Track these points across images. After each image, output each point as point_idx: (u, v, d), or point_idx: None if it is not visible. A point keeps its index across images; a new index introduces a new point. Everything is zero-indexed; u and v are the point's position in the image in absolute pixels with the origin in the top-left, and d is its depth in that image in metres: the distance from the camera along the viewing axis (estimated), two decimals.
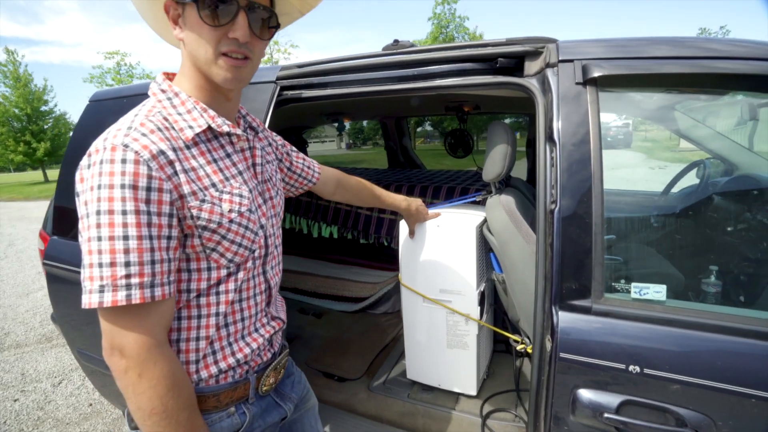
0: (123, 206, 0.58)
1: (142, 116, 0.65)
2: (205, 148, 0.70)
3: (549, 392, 0.93)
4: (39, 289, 4.57)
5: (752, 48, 0.89)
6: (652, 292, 0.88)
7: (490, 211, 1.34)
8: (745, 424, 0.78)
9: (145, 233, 0.59)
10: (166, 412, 0.61)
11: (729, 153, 1.81)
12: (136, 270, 0.59)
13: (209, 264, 0.69)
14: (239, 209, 0.70)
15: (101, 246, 0.57)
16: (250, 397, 0.78)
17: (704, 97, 1.36)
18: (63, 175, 1.64)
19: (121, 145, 0.59)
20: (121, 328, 0.60)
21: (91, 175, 0.59)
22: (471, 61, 1.16)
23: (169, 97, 0.69)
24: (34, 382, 2.69)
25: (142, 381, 0.60)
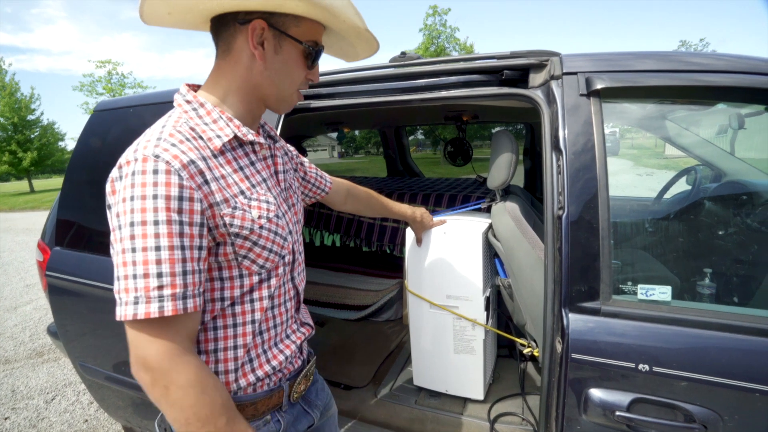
0: (155, 216, 0.58)
1: (170, 127, 0.66)
2: (231, 157, 0.70)
3: (560, 393, 0.95)
4: (27, 302, 4.47)
5: (732, 62, 0.95)
6: (658, 293, 0.92)
7: (496, 218, 1.37)
8: (749, 417, 0.81)
9: (176, 243, 0.59)
10: (201, 421, 0.59)
11: (717, 159, 1.88)
12: (168, 281, 0.58)
13: (241, 271, 0.70)
14: (268, 215, 0.71)
15: (135, 257, 0.57)
16: (284, 405, 0.79)
17: (694, 107, 1.43)
18: (67, 187, 1.64)
19: (152, 155, 0.60)
20: (144, 340, 0.59)
21: (123, 186, 0.59)
22: (477, 73, 1.20)
23: (194, 108, 0.70)
24: (26, 399, 2.62)
25: (170, 392, 0.58)
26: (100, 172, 1.56)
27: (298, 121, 1.84)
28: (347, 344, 2.11)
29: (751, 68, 0.93)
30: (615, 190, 0.96)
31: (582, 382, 0.93)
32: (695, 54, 1.03)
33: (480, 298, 1.46)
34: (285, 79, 0.73)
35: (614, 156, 3.69)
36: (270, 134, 0.87)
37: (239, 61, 0.70)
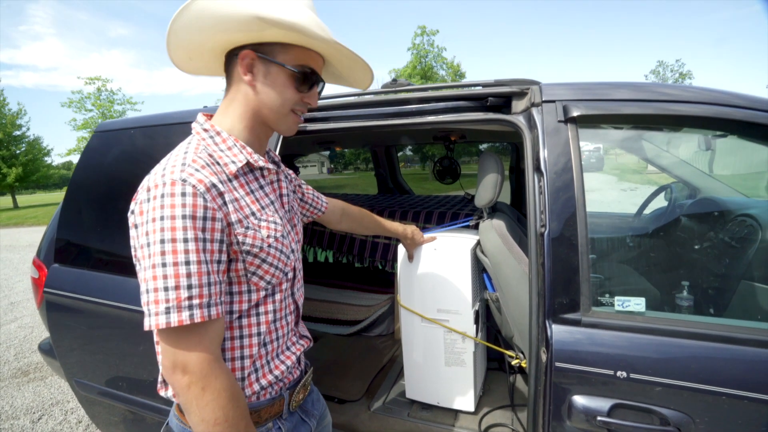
0: (184, 235, 0.64)
1: (191, 153, 0.72)
2: (243, 181, 0.78)
3: (546, 400, 1.01)
4: (12, 320, 4.38)
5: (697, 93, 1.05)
6: (633, 305, 0.99)
7: (484, 235, 1.44)
8: (718, 419, 0.88)
9: (202, 258, 0.65)
10: (228, 422, 0.65)
11: (691, 177, 2.00)
12: (197, 292, 0.64)
13: (249, 287, 0.76)
14: (275, 235, 0.78)
15: (166, 272, 0.63)
16: (284, 413, 0.84)
17: (666, 131, 1.53)
18: (67, 205, 1.67)
19: (179, 180, 0.66)
20: (184, 347, 0.65)
21: (152, 207, 0.65)
22: (464, 100, 1.29)
23: (211, 136, 0.77)
24: (11, 419, 2.57)
25: (206, 394, 0.64)
26: (101, 191, 1.61)
27: (294, 141, 1.92)
28: (340, 359, 2.13)
29: (713, 100, 1.03)
30: (600, 206, 1.04)
31: (566, 390, 0.99)
32: (664, 85, 1.13)
33: (469, 312, 1.52)
34: (276, 101, 0.78)
35: (598, 172, 3.88)
36: (274, 160, 0.94)
37: (239, 90, 0.79)
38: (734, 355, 0.88)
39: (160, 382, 0.80)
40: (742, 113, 0.99)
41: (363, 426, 1.61)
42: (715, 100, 1.04)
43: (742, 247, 1.53)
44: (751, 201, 1.83)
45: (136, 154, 1.60)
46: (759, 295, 1.38)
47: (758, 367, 0.86)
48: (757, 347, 0.87)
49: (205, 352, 0.65)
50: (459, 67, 24.29)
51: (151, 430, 1.60)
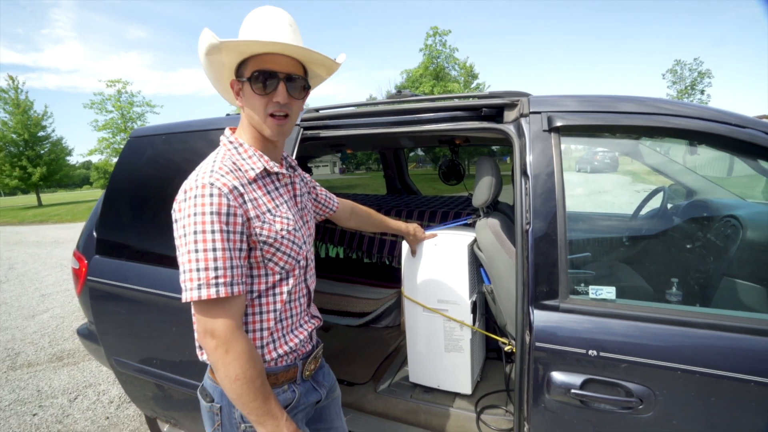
0: (212, 227, 0.80)
1: (218, 162, 0.88)
2: (261, 184, 0.94)
3: (529, 376, 1.15)
4: (44, 311, 4.68)
5: (653, 105, 1.17)
6: (605, 293, 1.13)
7: (479, 232, 1.59)
8: (674, 392, 1.01)
9: (226, 246, 0.81)
10: (246, 378, 0.81)
11: (681, 178, 2.09)
12: (222, 273, 0.81)
13: (266, 271, 0.93)
14: (287, 228, 0.93)
15: (198, 256, 0.79)
16: (298, 379, 1.01)
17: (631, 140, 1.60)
18: (107, 202, 1.87)
19: (208, 183, 0.82)
20: (212, 317, 0.81)
21: (188, 206, 0.81)
22: (461, 110, 1.44)
23: (235, 147, 0.94)
24: (51, 398, 2.81)
25: (229, 354, 0.80)
26: (136, 190, 1.80)
27: (309, 145, 2.08)
28: (350, 347, 2.30)
29: (660, 111, 1.15)
30: (610, 207, 1.13)
31: (545, 367, 1.12)
32: (642, 99, 1.25)
33: (467, 302, 1.67)
34: (253, 112, 0.91)
35: (614, 173, 3.99)
36: (291, 164, 1.10)
37: (242, 112, 0.96)
38: (688, 336, 1.01)
39: (198, 347, 0.97)
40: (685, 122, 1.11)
41: (369, 406, 1.77)
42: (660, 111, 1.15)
43: (725, 246, 1.64)
44: (738, 202, 1.92)
45: (166, 157, 1.79)
46: (739, 290, 1.49)
47: (707, 345, 0.99)
48: (707, 329, 1.00)
49: (229, 321, 0.82)
50: (472, 68, 24.28)
51: (178, 405, 1.79)
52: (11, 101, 23.31)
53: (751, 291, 1.43)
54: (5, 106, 23.39)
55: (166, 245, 1.67)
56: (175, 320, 1.61)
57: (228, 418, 0.95)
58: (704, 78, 25.54)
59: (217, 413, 0.96)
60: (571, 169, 6.18)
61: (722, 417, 0.99)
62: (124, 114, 23.68)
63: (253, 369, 0.83)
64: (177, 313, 1.59)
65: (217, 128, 1.69)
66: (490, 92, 1.42)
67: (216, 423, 0.96)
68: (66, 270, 6.71)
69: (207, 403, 0.98)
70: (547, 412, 1.13)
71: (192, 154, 1.71)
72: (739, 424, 0.97)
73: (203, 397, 0.99)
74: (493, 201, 1.65)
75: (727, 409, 0.98)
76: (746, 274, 1.48)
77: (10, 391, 2.92)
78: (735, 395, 0.96)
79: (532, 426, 1.17)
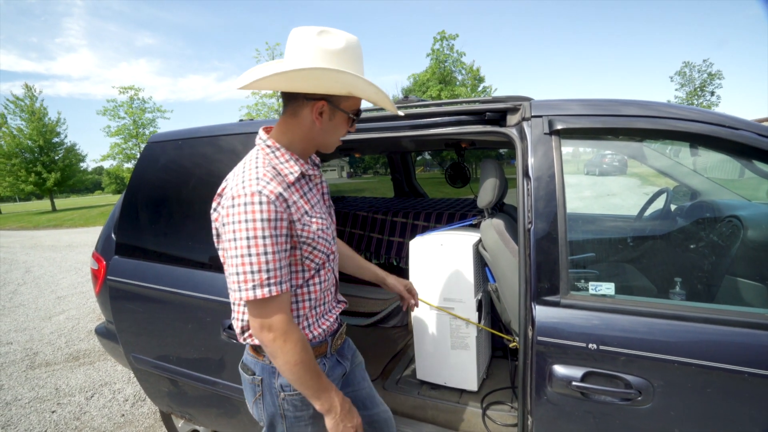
0: (263, 233, 0.88)
1: (261, 168, 0.94)
2: (298, 186, 1.02)
3: (532, 369, 1.19)
4: (60, 312, 4.81)
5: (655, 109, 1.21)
6: (604, 289, 1.17)
7: (484, 232, 1.63)
8: (671, 383, 1.04)
9: (275, 249, 0.90)
10: (303, 362, 0.93)
11: (683, 178, 2.12)
12: (273, 273, 0.90)
13: (303, 267, 1.02)
14: (322, 227, 1.02)
15: (251, 260, 0.88)
16: (327, 353, 1.13)
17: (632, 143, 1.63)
18: (126, 205, 1.95)
19: (257, 192, 0.88)
20: (267, 313, 0.91)
21: (238, 212, 0.88)
22: (465, 115, 1.49)
23: (273, 151, 1.00)
24: (68, 396, 2.90)
25: (287, 344, 0.91)
26: (154, 194, 1.88)
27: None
28: (358, 346, 2.32)
29: (664, 114, 1.20)
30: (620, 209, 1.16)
31: (547, 360, 1.17)
32: (641, 102, 1.29)
33: (472, 300, 1.71)
34: (334, 136, 1.05)
35: (622, 175, 3.99)
36: (315, 162, 1.17)
37: (303, 123, 1.01)
38: (684, 330, 1.05)
39: (239, 332, 1.07)
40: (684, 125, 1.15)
41: None
42: (660, 114, 1.19)
43: (726, 245, 1.67)
44: (742, 203, 1.95)
45: (181, 162, 1.87)
46: (741, 288, 1.51)
47: (703, 338, 1.03)
48: (703, 323, 1.04)
49: (283, 315, 0.92)
50: (478, 72, 24.32)
51: (193, 400, 1.85)
52: (27, 109, 23.90)
53: (752, 289, 1.45)
54: (21, 114, 23.99)
55: (182, 246, 1.75)
56: (191, 317, 1.68)
57: (268, 388, 1.07)
58: (714, 79, 25.22)
59: (258, 384, 1.08)
60: (580, 172, 6.12)
61: (717, 407, 1.02)
62: (136, 120, 24.11)
63: (307, 353, 0.95)
64: (193, 310, 1.66)
65: (228, 134, 1.76)
66: (494, 97, 1.47)
67: (257, 393, 1.09)
68: (80, 273, 6.87)
69: (249, 376, 1.10)
70: (550, 404, 1.18)
71: (204, 159, 1.79)
72: (733, 413, 1.01)
73: (244, 371, 1.12)
74: (497, 202, 1.70)
75: (722, 399, 1.01)
76: (747, 272, 1.51)
77: (30, 389, 3.02)
78: (729, 386, 0.99)
79: (536, 418, 1.21)
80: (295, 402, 1.05)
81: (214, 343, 1.61)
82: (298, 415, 1.06)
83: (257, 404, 1.10)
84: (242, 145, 1.70)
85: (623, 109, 1.22)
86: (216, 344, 1.61)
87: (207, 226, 1.73)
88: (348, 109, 1.02)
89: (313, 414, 1.06)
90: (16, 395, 2.94)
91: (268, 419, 1.09)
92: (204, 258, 1.69)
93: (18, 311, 4.94)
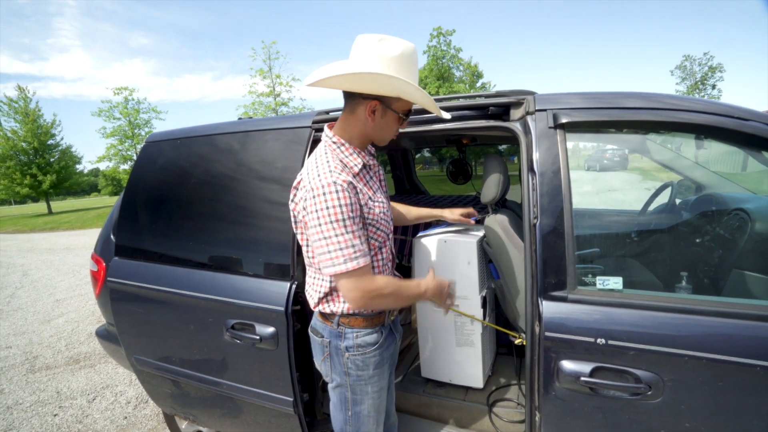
0: (343, 216, 1.03)
1: (331, 162, 1.09)
2: (362, 175, 1.17)
3: (540, 365, 1.18)
4: (59, 315, 4.78)
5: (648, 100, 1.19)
6: (612, 283, 1.16)
7: (488, 228, 1.62)
8: (682, 377, 1.03)
9: (355, 228, 1.05)
10: (399, 294, 1.13)
11: (689, 172, 2.11)
12: (357, 248, 1.04)
13: (369, 246, 1.15)
14: (383, 210, 1.18)
15: (339, 239, 1.03)
16: (385, 322, 1.26)
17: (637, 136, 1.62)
18: (125, 205, 1.93)
19: (332, 182, 1.03)
20: (360, 280, 1.06)
21: (319, 201, 1.02)
22: (469, 110, 1.47)
23: (338, 146, 1.16)
24: (70, 399, 2.88)
25: (382, 295, 1.09)
26: (153, 194, 1.86)
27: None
28: None
29: (669, 106, 1.18)
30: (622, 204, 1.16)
31: (555, 356, 1.16)
32: (646, 94, 1.27)
33: (477, 297, 1.70)
34: (386, 132, 1.19)
35: (623, 170, 4.03)
36: (371, 152, 1.28)
37: (359, 120, 1.15)
38: (694, 323, 1.04)
39: (315, 302, 1.23)
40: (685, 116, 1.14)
41: None
42: (665, 106, 1.17)
43: (734, 239, 1.66)
44: (748, 196, 1.94)
45: (180, 160, 1.85)
46: (749, 282, 1.51)
47: (714, 332, 1.02)
48: (713, 317, 1.03)
49: (371, 278, 1.09)
50: (476, 68, 24.26)
51: (196, 401, 1.84)
52: (21, 111, 23.73)
53: (761, 282, 1.44)
54: (15, 116, 23.81)
55: (183, 246, 1.73)
56: (193, 318, 1.66)
57: (335, 349, 1.21)
58: (715, 72, 25.18)
59: (326, 346, 1.22)
60: (580, 167, 6.10)
61: (730, 401, 1.01)
62: (132, 121, 23.98)
63: (396, 287, 1.12)
64: (194, 310, 1.65)
65: (226, 132, 1.74)
66: (497, 91, 1.46)
67: (325, 353, 1.24)
68: (79, 275, 6.83)
69: (318, 338, 1.25)
70: (558, 400, 1.17)
71: (201, 159, 1.77)
72: (745, 407, 1.00)
73: (314, 334, 1.27)
74: (501, 198, 1.68)
75: (735, 393, 1.00)
76: (755, 265, 1.50)
77: (31, 393, 3.00)
78: (740, 379, 0.99)
79: (544, 414, 1.20)
80: (357, 362, 1.20)
81: (216, 343, 1.60)
82: (359, 374, 1.21)
83: (325, 362, 1.25)
84: (240, 143, 1.68)
85: (628, 101, 1.20)
86: (219, 344, 1.60)
87: (207, 226, 1.73)
88: (399, 109, 1.15)
89: (372, 374, 1.22)
90: (17, 399, 2.91)
91: (336, 376, 1.23)
92: (204, 258, 1.67)
93: (16, 315, 4.91)
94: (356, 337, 1.20)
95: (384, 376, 1.28)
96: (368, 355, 1.21)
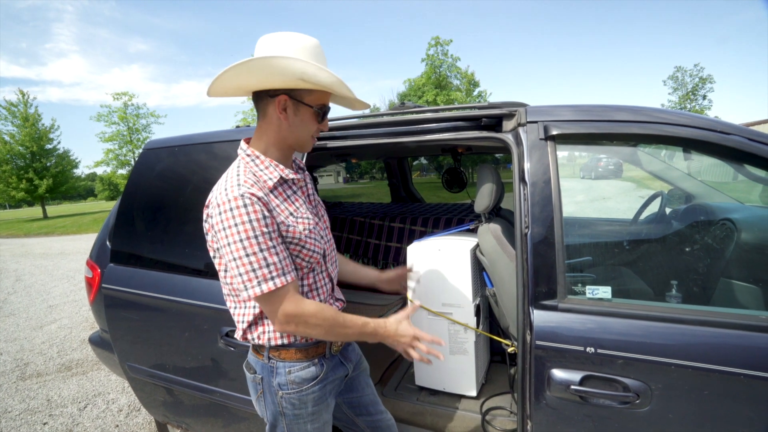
0: (254, 232, 0.91)
1: (242, 175, 0.98)
2: (281, 190, 1.04)
3: (531, 374, 1.19)
4: (52, 322, 4.73)
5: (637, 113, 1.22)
6: (602, 292, 1.18)
7: (481, 237, 1.64)
8: (669, 386, 1.05)
9: (270, 244, 0.93)
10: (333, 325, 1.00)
11: (678, 182, 2.15)
12: (273, 267, 0.93)
13: (295, 266, 1.03)
14: (309, 227, 1.04)
15: (250, 259, 0.91)
16: (326, 354, 1.13)
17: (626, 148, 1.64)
18: (121, 212, 1.93)
19: (239, 195, 0.92)
20: (279, 303, 0.95)
21: (226, 218, 0.91)
22: (462, 120, 1.50)
23: (252, 159, 1.04)
24: (60, 407, 2.85)
25: (309, 322, 0.97)
26: (150, 201, 1.87)
27: (315, 155, 2.15)
28: None
29: (657, 119, 1.21)
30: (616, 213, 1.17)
31: (546, 365, 1.17)
32: (635, 108, 1.30)
33: (470, 305, 1.71)
34: (302, 132, 1.05)
35: (617, 179, 4.10)
36: (300, 166, 1.19)
37: (272, 122, 1.03)
38: (681, 333, 1.06)
39: (241, 333, 1.10)
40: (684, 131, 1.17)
41: None
42: (653, 119, 1.20)
43: (721, 248, 1.69)
44: (735, 205, 1.97)
45: (178, 168, 1.86)
46: (736, 291, 1.53)
47: (699, 341, 1.04)
48: (700, 326, 1.05)
49: (294, 301, 0.96)
50: (473, 76, 24.52)
51: (189, 410, 1.83)
52: (20, 115, 23.70)
53: (747, 291, 1.47)
54: (13, 120, 23.78)
55: (179, 253, 1.74)
56: (188, 325, 1.66)
57: (268, 386, 1.09)
58: (706, 83, 25.66)
59: (259, 383, 1.11)
60: (575, 176, 6.05)
61: (714, 409, 1.03)
62: (130, 125, 24.00)
63: (330, 314, 1.00)
64: (189, 318, 1.65)
65: (224, 141, 1.76)
66: (490, 103, 1.49)
67: (259, 391, 1.12)
68: (73, 281, 6.78)
69: (250, 375, 1.13)
70: (549, 408, 1.18)
71: (198, 166, 1.79)
72: (731, 415, 1.02)
73: (248, 370, 1.15)
74: (494, 207, 1.71)
75: (720, 401, 1.02)
76: (741, 274, 1.52)
77: (21, 400, 2.96)
78: (726, 388, 1.00)
79: (535, 423, 1.21)
80: (293, 400, 1.08)
81: (211, 350, 1.60)
82: (296, 413, 1.09)
83: (259, 402, 1.14)
84: (236, 151, 1.70)
85: (617, 114, 1.23)
86: (213, 352, 1.60)
87: (203, 233, 1.74)
88: (312, 103, 1.03)
89: (311, 411, 1.10)
90: (6, 407, 2.88)
91: (270, 416, 1.12)
92: (200, 265, 1.68)
93: (8, 321, 4.86)
94: (289, 373, 1.06)
95: (329, 407, 1.17)
96: (305, 392, 1.08)
